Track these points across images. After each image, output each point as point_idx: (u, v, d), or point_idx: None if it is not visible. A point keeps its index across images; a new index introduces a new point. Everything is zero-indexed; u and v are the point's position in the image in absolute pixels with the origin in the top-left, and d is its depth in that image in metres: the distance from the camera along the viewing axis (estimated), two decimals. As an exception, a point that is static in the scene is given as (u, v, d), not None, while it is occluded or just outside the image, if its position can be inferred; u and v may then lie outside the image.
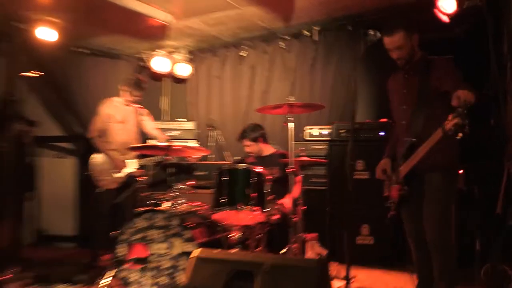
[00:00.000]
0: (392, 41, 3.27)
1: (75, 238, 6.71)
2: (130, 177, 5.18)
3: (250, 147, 4.98)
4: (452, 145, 3.19)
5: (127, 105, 5.26)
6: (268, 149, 5.07)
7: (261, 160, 5.00)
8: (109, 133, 5.22)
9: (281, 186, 4.87)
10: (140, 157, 5.27)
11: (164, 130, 6.06)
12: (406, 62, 3.33)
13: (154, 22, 5.56)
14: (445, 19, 4.25)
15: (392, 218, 3.41)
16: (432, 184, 3.22)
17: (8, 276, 3.76)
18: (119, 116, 5.24)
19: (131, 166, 5.20)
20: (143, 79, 5.34)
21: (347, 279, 3.07)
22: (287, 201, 4.56)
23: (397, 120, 3.49)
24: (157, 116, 7.01)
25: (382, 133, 5.04)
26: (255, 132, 4.98)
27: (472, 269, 4.31)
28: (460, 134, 2.74)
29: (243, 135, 5.01)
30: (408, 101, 3.35)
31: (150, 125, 5.51)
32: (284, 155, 5.03)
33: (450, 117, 2.78)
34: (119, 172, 5.14)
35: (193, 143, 6.24)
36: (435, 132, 2.97)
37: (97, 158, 5.17)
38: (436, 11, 4.25)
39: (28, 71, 4.49)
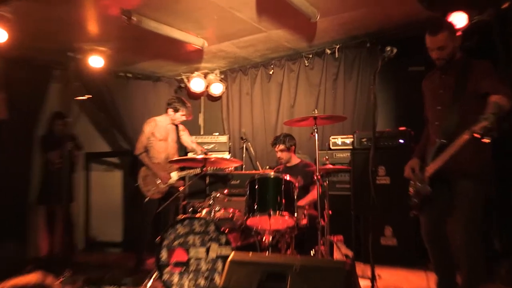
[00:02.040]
0: (435, 41, 3.02)
1: (121, 244, 6.75)
2: (172, 188, 5.19)
3: (283, 153, 4.97)
4: (484, 150, 2.95)
5: (172, 124, 5.28)
6: (294, 159, 5.07)
7: (288, 169, 4.98)
8: (152, 150, 5.24)
9: (304, 193, 4.81)
10: (181, 169, 5.28)
11: (201, 143, 6.08)
12: (446, 63, 3.08)
13: (190, 47, 5.59)
14: (457, 33, 4.11)
15: (414, 217, 3.24)
16: (463, 192, 2.95)
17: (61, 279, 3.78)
18: (160, 134, 5.26)
19: (173, 178, 5.21)
20: (185, 100, 5.38)
21: (373, 278, 2.97)
22: (303, 202, 4.50)
23: (431, 121, 3.22)
24: (196, 131, 7.07)
25: (401, 141, 4.92)
26: (290, 141, 5.01)
27: (492, 266, 4.13)
28: (488, 139, 2.52)
29: (278, 141, 5.00)
30: (443, 102, 3.09)
31: (188, 139, 5.53)
32: (307, 165, 4.98)
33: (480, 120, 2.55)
34: (164, 183, 5.16)
35: (227, 155, 6.23)
36: (463, 134, 2.73)
37: (144, 172, 5.20)
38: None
39: (81, 95, 4.56)
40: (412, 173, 3.23)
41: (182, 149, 6.00)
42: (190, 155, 5.71)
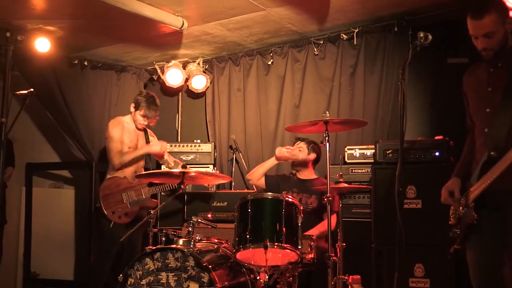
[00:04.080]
0: (480, 26, 2.98)
1: (72, 284, 6.72)
2: (143, 210, 5.18)
3: (301, 151, 5.12)
4: None
5: (140, 129, 5.33)
6: (311, 173, 5.15)
7: (300, 182, 5.03)
8: None
9: (318, 218, 4.85)
10: (151, 185, 5.28)
11: (177, 153, 6.09)
12: (495, 53, 3.05)
13: (165, 29, 5.63)
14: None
15: (455, 253, 3.23)
16: None
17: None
18: (130, 140, 5.28)
19: (145, 195, 5.23)
20: (155, 96, 5.36)
21: (399, 330, 2.99)
22: (314, 232, 4.52)
23: (478, 128, 3.19)
24: (172, 137, 7.11)
25: (437, 154, 4.96)
26: (314, 148, 5.17)
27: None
28: None
29: (301, 139, 5.21)
30: (494, 103, 3.06)
31: None
32: (325, 184, 5.02)
33: None
34: (135, 201, 5.17)
35: (211, 169, 6.25)
36: None
37: (106, 189, 5.17)
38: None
39: (21, 89, 4.57)
40: (451, 198, 3.23)
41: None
42: (164, 168, 5.71)
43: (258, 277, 3.94)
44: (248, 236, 3.78)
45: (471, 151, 3.28)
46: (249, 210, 3.87)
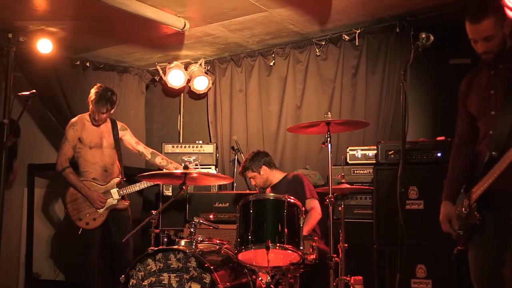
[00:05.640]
0: (479, 30, 2.98)
1: (74, 285, 6.68)
2: (115, 211, 5.10)
3: (255, 179, 5.14)
4: None
5: (97, 125, 5.12)
6: (276, 176, 5.18)
7: (274, 188, 5.11)
8: (82, 161, 5.09)
9: None
10: (121, 185, 5.19)
11: (178, 154, 6.09)
12: (495, 56, 3.05)
13: (167, 30, 5.63)
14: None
15: (458, 254, 3.23)
16: None
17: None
18: (90, 139, 5.08)
19: (115, 196, 5.10)
20: (112, 91, 5.08)
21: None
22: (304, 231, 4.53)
23: (483, 131, 3.18)
24: (174, 138, 7.10)
25: (439, 154, 4.96)
26: (257, 162, 5.14)
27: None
28: None
29: (244, 168, 5.17)
30: (498, 105, 3.06)
31: (131, 140, 5.34)
32: (296, 177, 5.04)
33: None
34: (99, 207, 5.03)
35: (213, 170, 6.25)
36: None
37: (72, 194, 5.06)
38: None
39: (23, 90, 4.58)
40: (452, 228, 3.17)
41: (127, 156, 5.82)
42: (171, 167, 5.64)
43: (260, 278, 3.94)
44: (250, 237, 3.79)
45: (458, 167, 3.29)
46: (251, 211, 3.87)
